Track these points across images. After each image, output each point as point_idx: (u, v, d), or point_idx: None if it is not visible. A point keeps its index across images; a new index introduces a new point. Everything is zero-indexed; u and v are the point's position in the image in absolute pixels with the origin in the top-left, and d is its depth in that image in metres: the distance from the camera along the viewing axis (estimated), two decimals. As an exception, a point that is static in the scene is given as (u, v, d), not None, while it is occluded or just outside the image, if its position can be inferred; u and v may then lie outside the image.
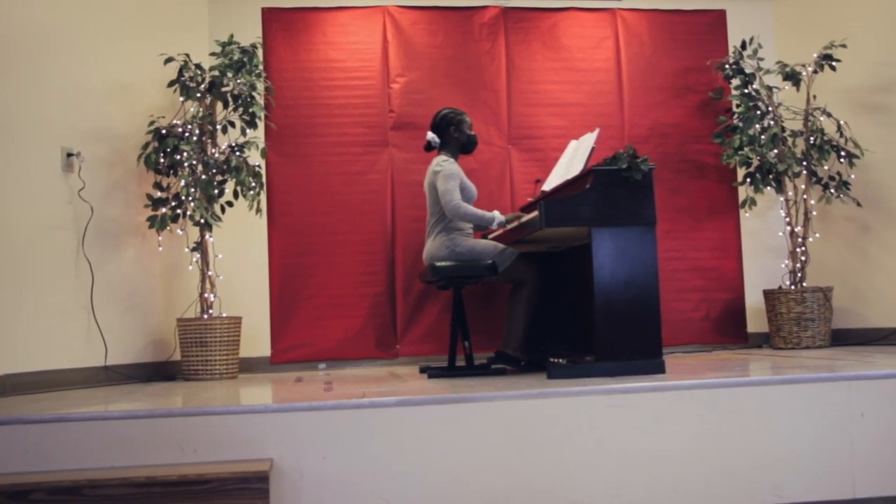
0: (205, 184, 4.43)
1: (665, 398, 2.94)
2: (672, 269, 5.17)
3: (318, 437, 2.77)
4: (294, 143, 5.01)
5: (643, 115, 5.27)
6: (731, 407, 2.95)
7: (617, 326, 3.41)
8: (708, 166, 5.30)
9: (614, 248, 3.44)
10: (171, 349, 4.64)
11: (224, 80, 4.51)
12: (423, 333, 4.96)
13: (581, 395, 2.91)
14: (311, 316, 4.93)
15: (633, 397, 2.92)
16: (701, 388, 2.97)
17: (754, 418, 2.96)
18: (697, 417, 2.93)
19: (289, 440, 2.76)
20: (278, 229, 4.96)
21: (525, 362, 4.07)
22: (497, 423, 2.85)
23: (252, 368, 4.84)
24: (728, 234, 5.30)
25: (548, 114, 5.20)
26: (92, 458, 2.71)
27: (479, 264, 3.98)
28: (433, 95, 5.07)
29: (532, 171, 5.11)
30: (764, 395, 2.98)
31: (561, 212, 3.44)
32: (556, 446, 2.85)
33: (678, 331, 5.13)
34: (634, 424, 2.90)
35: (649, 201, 3.48)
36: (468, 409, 2.85)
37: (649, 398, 2.93)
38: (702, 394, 2.96)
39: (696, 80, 5.33)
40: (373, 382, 3.71)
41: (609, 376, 3.33)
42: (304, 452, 2.76)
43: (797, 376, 3.05)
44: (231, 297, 4.73)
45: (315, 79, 5.05)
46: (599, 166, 3.52)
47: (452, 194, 4.07)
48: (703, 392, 2.96)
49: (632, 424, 2.90)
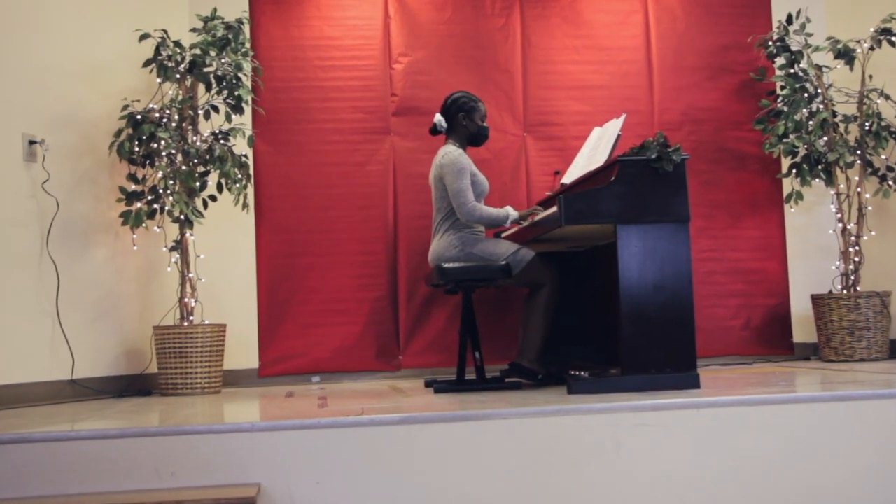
0: (185, 175, 4.44)
1: (700, 416, 2.92)
2: (708, 272, 5.16)
3: (310, 460, 2.76)
4: (285, 131, 5.01)
5: (675, 99, 5.26)
6: (774, 427, 2.94)
7: (646, 335, 3.41)
8: (748, 156, 5.29)
9: (642, 247, 3.44)
10: (147, 360, 4.65)
11: (206, 60, 4.52)
12: (429, 343, 4.97)
13: (605, 412, 2.91)
14: (304, 323, 4.93)
15: (663, 415, 2.91)
16: (741, 405, 2.96)
17: (801, 440, 2.94)
18: (736, 439, 2.92)
19: (278, 463, 2.75)
20: (267, 227, 4.97)
21: (543, 375, 4.06)
22: (511, 443, 2.84)
23: (237, 382, 4.85)
24: (771, 233, 5.28)
25: (568, 98, 5.19)
26: (57, 484, 2.70)
27: (492, 266, 3.98)
28: (440, 77, 5.07)
29: (550, 162, 5.11)
30: (813, 414, 2.96)
31: (582, 207, 3.45)
32: (578, 470, 2.84)
33: (715, 341, 5.11)
34: (665, 446, 2.89)
35: (682, 195, 3.48)
36: (479, 428, 2.84)
37: (682, 416, 2.92)
38: (742, 412, 2.95)
39: (735, 59, 5.31)
40: (373, 398, 3.72)
41: (637, 391, 3.32)
42: (295, 477, 2.75)
43: (850, 392, 3.04)
44: (214, 302, 4.74)
45: (308, 58, 5.06)
46: (626, 156, 3.52)
47: (466, 195, 4.07)
48: (744, 410, 2.95)
49: (662, 446, 2.89)
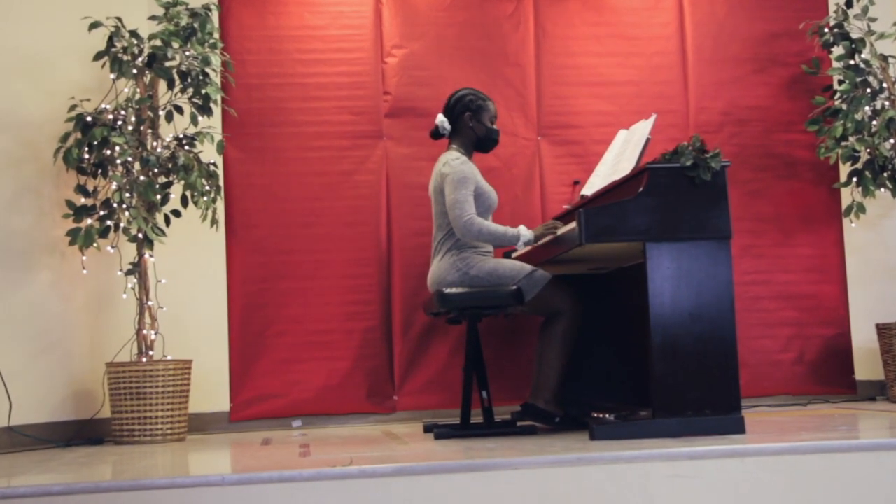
0: (144, 187, 4.44)
1: (745, 467, 2.92)
2: (753, 297, 5.16)
3: (290, 518, 2.76)
4: (260, 135, 5.03)
5: (714, 97, 5.28)
6: (833, 480, 2.93)
7: (681, 372, 3.41)
8: (800, 162, 5.30)
9: (676, 269, 3.45)
10: (99, 403, 4.63)
11: (168, 53, 4.52)
12: (428, 381, 4.97)
13: (634, 461, 2.90)
14: (283, 359, 4.93)
15: (702, 465, 2.91)
16: (793, 453, 2.96)
17: (866, 495, 2.93)
18: (788, 494, 2.91)
19: (252, 521, 2.75)
20: (240, 246, 4.98)
21: (561, 418, 4.07)
22: (525, 498, 2.83)
23: (205, 427, 4.85)
24: (828, 251, 5.28)
25: (589, 95, 5.21)
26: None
27: (501, 291, 3.98)
28: (440, 73, 5.09)
29: (568, 171, 5.12)
30: (879, 465, 2.95)
31: (606, 223, 3.46)
32: (602, 530, 2.84)
33: (762, 377, 5.11)
34: (704, 501, 2.88)
35: (722, 208, 3.49)
36: (487, 481, 2.84)
37: (724, 466, 2.91)
38: (794, 462, 2.94)
39: (784, 48, 5.33)
40: (363, 445, 3.71)
41: (671, 437, 3.32)
42: (271, 537, 2.75)
43: (922, 438, 3.04)
44: (178, 334, 4.73)
45: (287, 51, 5.08)
46: (656, 163, 3.53)
47: (464, 207, 4.08)
48: (796, 459, 2.94)
49: (701, 501, 2.88)
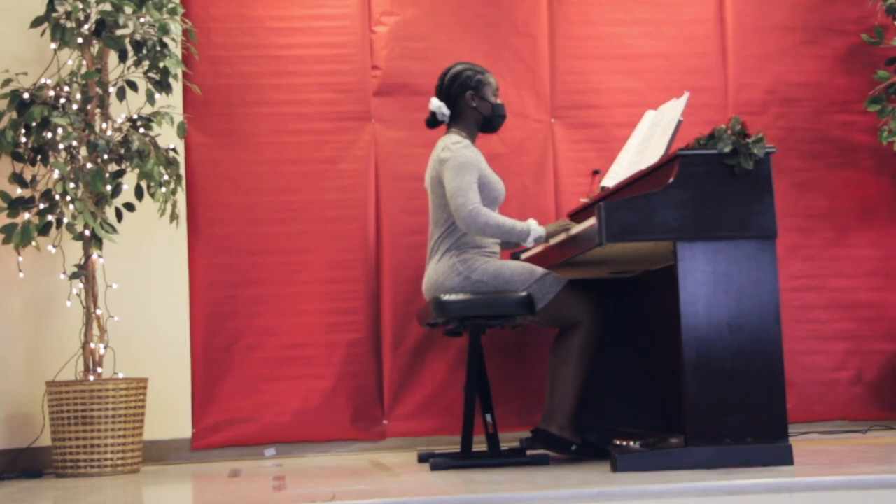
0: (91, 176, 4.44)
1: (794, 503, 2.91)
2: (803, 305, 5.16)
3: (259, 563, 2.76)
4: (228, 116, 5.03)
5: (758, 72, 5.28)
6: (895, 518, 2.93)
7: (718, 392, 3.41)
8: (859, 148, 5.31)
9: (712, 272, 3.45)
10: (38, 429, 4.62)
11: (120, 19, 4.51)
12: (424, 403, 4.96)
13: (664, 496, 2.90)
14: (254, 377, 4.93)
15: (743, 502, 2.91)
16: (849, 488, 2.95)
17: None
18: (843, 533, 2.91)
19: (214, 567, 2.75)
20: (204, 246, 4.98)
21: (578, 446, 4.06)
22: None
23: (164, 457, 4.84)
24: (890, 252, 5.30)
25: (611, 70, 5.22)
26: None
27: (508, 298, 3.98)
28: (437, 44, 5.10)
29: (587, 158, 5.13)
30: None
31: (630, 219, 3.46)
32: (626, 577, 2.84)
33: (814, 400, 5.12)
34: (746, 544, 2.88)
35: (766, 202, 3.50)
36: (490, 520, 2.84)
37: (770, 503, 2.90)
38: (850, 498, 2.94)
39: (840, 15, 5.33)
40: (348, 477, 3.72)
41: (706, 468, 3.33)
42: (237, 586, 2.75)
43: None
44: (131, 348, 4.72)
45: (259, 17, 5.08)
46: (689, 150, 3.54)
47: (467, 195, 4.07)
48: (853, 496, 2.94)
49: (742, 544, 2.88)
